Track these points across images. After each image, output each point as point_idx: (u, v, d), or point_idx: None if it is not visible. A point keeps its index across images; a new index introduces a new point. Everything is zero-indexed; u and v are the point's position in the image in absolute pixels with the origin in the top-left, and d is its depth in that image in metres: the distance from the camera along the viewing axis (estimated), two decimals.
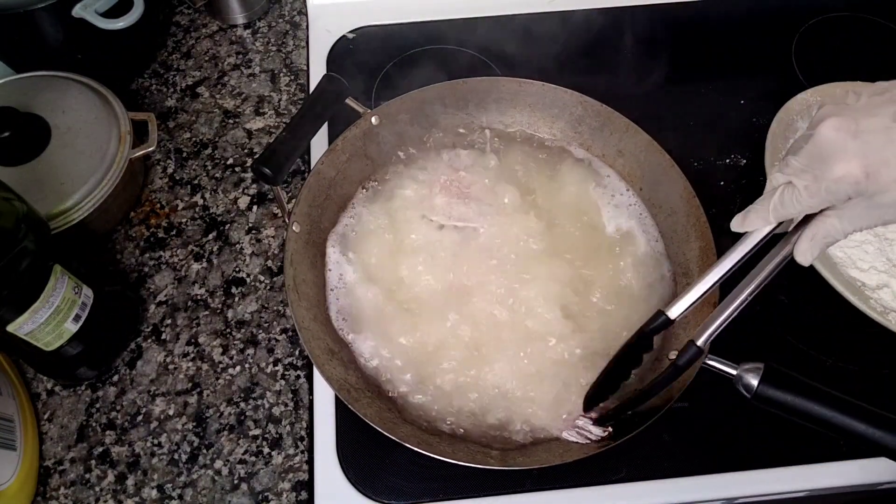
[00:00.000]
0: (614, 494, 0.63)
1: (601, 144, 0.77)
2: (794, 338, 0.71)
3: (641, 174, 0.75)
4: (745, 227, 0.52)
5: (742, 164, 0.83)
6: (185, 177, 0.81)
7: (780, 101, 0.82)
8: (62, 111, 0.73)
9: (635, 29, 0.95)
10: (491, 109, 0.79)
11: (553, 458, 0.59)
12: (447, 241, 0.70)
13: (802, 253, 0.50)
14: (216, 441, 0.66)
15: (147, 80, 0.89)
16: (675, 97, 0.89)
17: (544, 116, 0.79)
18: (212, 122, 0.86)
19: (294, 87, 0.89)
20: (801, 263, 0.50)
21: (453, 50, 0.92)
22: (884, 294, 0.71)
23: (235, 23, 0.94)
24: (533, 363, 0.64)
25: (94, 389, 0.68)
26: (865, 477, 0.65)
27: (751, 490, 0.64)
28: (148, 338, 0.71)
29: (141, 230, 0.77)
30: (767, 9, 0.97)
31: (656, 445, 0.65)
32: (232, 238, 0.77)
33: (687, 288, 0.54)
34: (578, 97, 0.76)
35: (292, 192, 0.80)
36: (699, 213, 0.68)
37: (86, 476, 0.64)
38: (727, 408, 0.67)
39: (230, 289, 0.74)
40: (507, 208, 0.73)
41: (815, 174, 0.46)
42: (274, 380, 0.69)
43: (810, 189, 0.46)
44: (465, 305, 0.67)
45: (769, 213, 0.49)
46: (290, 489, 0.64)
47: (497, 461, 0.58)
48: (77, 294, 0.60)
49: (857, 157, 0.44)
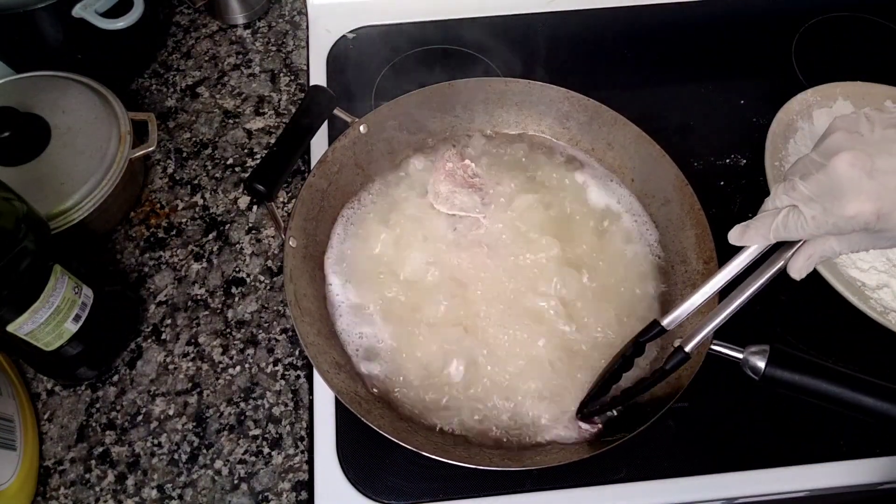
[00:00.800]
0: (614, 494, 0.63)
1: (590, 139, 0.78)
2: (794, 338, 0.71)
3: (632, 166, 0.75)
4: (744, 241, 0.52)
5: (742, 164, 0.83)
6: (185, 177, 0.81)
7: (780, 101, 0.82)
8: (62, 111, 0.73)
9: (635, 29, 0.95)
10: (479, 111, 0.79)
11: (553, 459, 0.59)
12: (449, 246, 0.70)
13: (798, 270, 0.51)
14: (216, 441, 0.66)
15: (147, 80, 0.89)
16: (675, 97, 0.89)
17: (532, 114, 0.79)
18: (212, 122, 0.86)
19: (294, 87, 0.89)
20: (794, 278, 0.51)
21: (453, 50, 0.92)
22: (884, 294, 0.71)
23: (235, 23, 0.94)
24: (535, 363, 0.64)
25: (94, 389, 0.68)
26: (865, 477, 0.65)
27: (751, 490, 0.64)
28: (148, 338, 0.71)
29: (141, 230, 0.77)
30: (767, 9, 0.97)
31: (656, 445, 0.65)
32: (232, 238, 0.77)
33: (682, 299, 0.56)
34: (565, 93, 0.76)
35: (293, 193, 0.80)
36: (693, 200, 0.68)
37: (86, 476, 0.64)
38: (727, 407, 0.67)
39: (230, 289, 0.74)
40: (510, 200, 0.73)
41: (826, 207, 0.45)
42: (274, 380, 0.69)
43: (818, 220, 0.46)
44: (467, 306, 0.67)
45: (770, 232, 0.50)
46: (290, 489, 0.64)
47: (497, 461, 0.58)
48: (77, 294, 0.60)
49: (872, 199, 0.44)
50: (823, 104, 0.83)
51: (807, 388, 0.50)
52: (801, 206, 0.47)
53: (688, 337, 0.54)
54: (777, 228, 0.49)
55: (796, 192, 0.47)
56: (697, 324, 0.54)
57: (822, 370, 0.50)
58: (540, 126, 0.79)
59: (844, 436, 0.66)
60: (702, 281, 0.56)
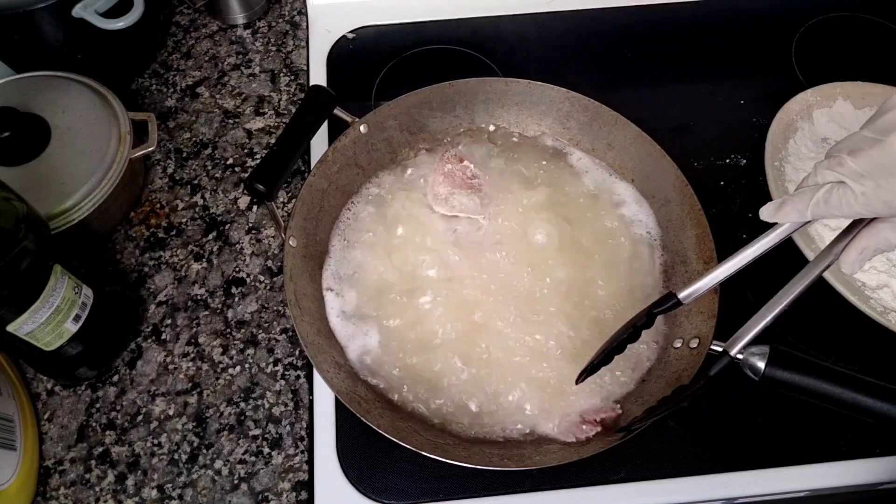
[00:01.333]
0: (614, 494, 0.63)
1: (590, 139, 0.78)
2: (794, 338, 0.71)
3: (633, 166, 0.75)
4: (778, 217, 0.49)
5: (742, 164, 0.83)
6: (185, 177, 0.81)
7: (780, 101, 0.82)
8: (62, 111, 0.73)
9: (635, 29, 0.95)
10: (479, 110, 0.79)
11: (553, 459, 0.59)
12: (449, 247, 0.70)
13: (850, 265, 0.48)
14: (216, 441, 0.66)
15: (147, 80, 0.89)
16: (674, 97, 0.89)
17: (532, 114, 0.79)
18: (212, 122, 0.86)
19: (294, 87, 0.89)
20: (847, 273, 0.49)
21: (453, 50, 0.92)
22: (884, 294, 0.71)
23: (235, 23, 0.94)
24: (537, 363, 0.64)
25: (94, 389, 0.68)
26: (865, 477, 0.65)
27: (751, 490, 0.64)
28: (148, 338, 0.71)
29: (141, 230, 0.77)
30: (767, 9, 0.97)
31: (656, 446, 0.65)
32: (232, 238, 0.77)
33: (703, 273, 0.54)
34: (565, 93, 0.76)
35: (293, 192, 0.80)
36: (693, 200, 0.68)
37: (86, 476, 0.64)
38: (727, 408, 0.67)
39: (230, 289, 0.74)
40: (509, 201, 0.73)
41: (879, 183, 0.43)
42: (274, 380, 0.69)
43: (868, 197, 0.44)
44: (468, 306, 0.67)
45: (808, 208, 0.47)
46: (290, 489, 0.64)
47: (497, 461, 0.58)
48: (77, 294, 0.60)
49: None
50: (823, 104, 0.84)
51: (807, 389, 0.50)
52: (849, 182, 0.44)
53: (732, 341, 0.52)
54: (817, 203, 0.46)
55: (844, 167, 0.44)
56: (742, 327, 0.52)
57: (821, 370, 0.50)
58: (540, 126, 0.79)
59: (844, 436, 0.66)
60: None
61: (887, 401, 0.48)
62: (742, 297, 0.73)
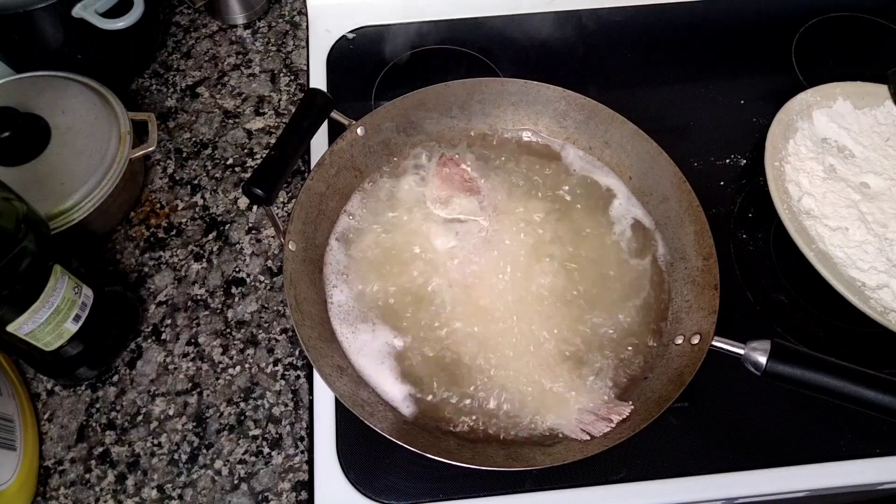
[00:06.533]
0: (614, 494, 0.63)
1: (587, 137, 0.77)
2: (794, 338, 0.71)
3: (630, 163, 0.75)
4: None
5: (742, 164, 0.83)
6: (185, 177, 0.81)
7: (780, 101, 0.82)
8: (62, 111, 0.73)
9: (635, 29, 0.95)
10: (475, 111, 0.79)
11: (555, 458, 0.59)
12: (450, 250, 0.70)
13: None
14: (216, 441, 0.66)
15: (147, 80, 0.89)
16: (674, 97, 0.89)
17: (529, 114, 0.79)
18: (212, 122, 0.86)
19: (294, 87, 0.89)
20: None
21: (453, 50, 0.92)
22: (884, 294, 0.71)
23: (235, 23, 0.94)
24: (540, 362, 0.64)
25: (94, 389, 0.68)
26: (865, 477, 0.65)
27: (751, 490, 0.64)
28: (148, 338, 0.71)
29: (141, 230, 0.77)
30: (767, 9, 0.97)
31: (656, 446, 0.65)
32: (232, 238, 0.77)
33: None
34: (561, 92, 0.76)
35: (292, 193, 0.80)
36: (691, 197, 0.68)
37: (86, 476, 0.64)
38: (727, 407, 0.67)
39: (230, 289, 0.74)
40: (509, 201, 0.73)
41: None
42: (274, 380, 0.69)
43: None
44: (469, 307, 0.67)
45: None
46: (290, 489, 0.64)
47: (500, 462, 0.58)
48: (77, 294, 0.60)
49: None
50: (823, 104, 0.83)
51: (808, 383, 0.50)
52: None
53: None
54: None
55: None
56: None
57: (823, 364, 0.50)
58: (537, 125, 0.79)
59: (844, 436, 0.66)
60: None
61: (889, 393, 0.48)
62: (742, 294, 0.73)
